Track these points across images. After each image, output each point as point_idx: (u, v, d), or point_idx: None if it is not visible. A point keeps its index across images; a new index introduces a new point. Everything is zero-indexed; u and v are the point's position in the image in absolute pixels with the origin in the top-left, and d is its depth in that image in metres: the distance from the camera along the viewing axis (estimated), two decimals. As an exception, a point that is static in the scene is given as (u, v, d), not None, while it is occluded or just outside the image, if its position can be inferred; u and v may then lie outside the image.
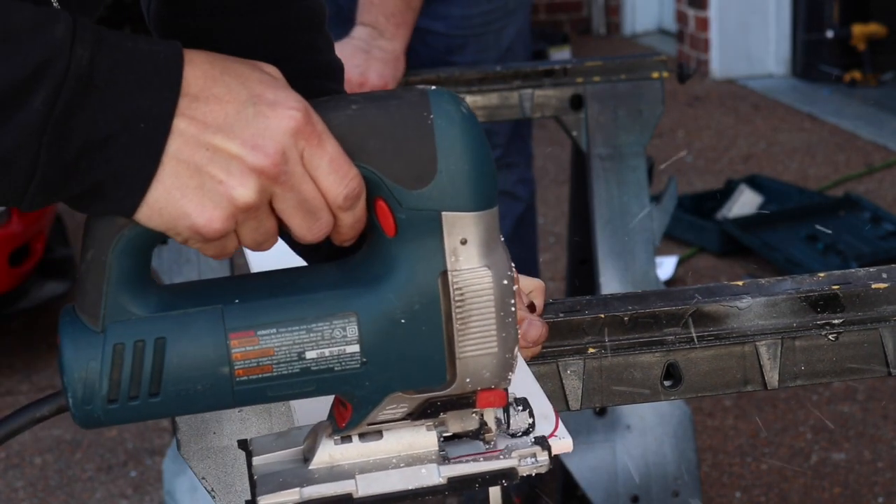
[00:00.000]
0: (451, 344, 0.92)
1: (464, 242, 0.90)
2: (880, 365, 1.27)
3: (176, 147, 0.87)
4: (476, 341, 0.92)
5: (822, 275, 1.29)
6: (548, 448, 0.98)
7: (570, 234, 2.71)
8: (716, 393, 1.25)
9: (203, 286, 0.93)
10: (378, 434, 0.96)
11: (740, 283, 1.28)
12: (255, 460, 0.98)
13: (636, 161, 2.39)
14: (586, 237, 2.44)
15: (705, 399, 3.41)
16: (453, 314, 0.91)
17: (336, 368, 0.91)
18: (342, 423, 0.95)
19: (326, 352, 0.90)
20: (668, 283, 4.24)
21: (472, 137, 0.90)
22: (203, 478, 1.18)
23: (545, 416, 1.05)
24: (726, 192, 4.87)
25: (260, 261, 1.35)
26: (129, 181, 0.87)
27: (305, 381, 0.91)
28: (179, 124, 0.87)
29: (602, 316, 1.22)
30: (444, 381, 0.93)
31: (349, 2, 2.56)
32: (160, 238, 0.90)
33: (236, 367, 0.89)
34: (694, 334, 1.24)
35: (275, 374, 0.90)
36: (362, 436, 0.96)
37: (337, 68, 1.24)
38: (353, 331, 0.90)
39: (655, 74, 2.39)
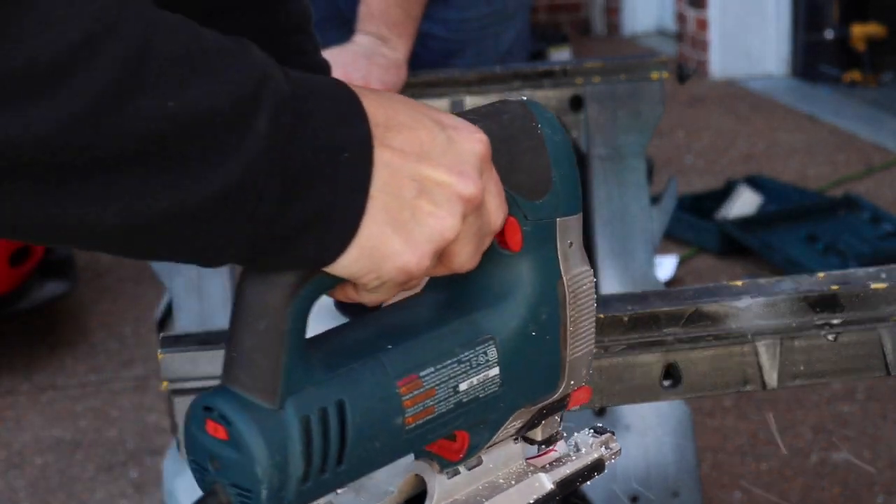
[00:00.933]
0: (563, 348, 0.92)
1: (570, 246, 0.91)
2: (879, 365, 1.27)
3: (383, 180, 0.80)
4: (582, 341, 0.93)
5: (821, 275, 1.29)
6: (612, 433, 1.00)
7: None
8: (715, 393, 1.26)
9: (344, 335, 0.88)
10: (477, 458, 0.94)
11: (739, 283, 1.28)
12: None
13: (636, 161, 2.39)
14: (586, 237, 2.44)
15: (705, 399, 3.41)
16: (567, 318, 0.91)
17: (481, 395, 0.89)
18: (458, 455, 0.92)
19: (474, 380, 0.88)
20: (668, 283, 4.25)
21: (569, 142, 0.91)
22: (203, 478, 1.18)
23: None
24: (726, 193, 4.87)
25: None
26: (339, 219, 0.79)
27: (457, 416, 0.88)
28: (382, 155, 0.80)
29: (601, 316, 1.22)
30: (556, 387, 0.93)
31: (348, 4, 2.57)
32: (324, 292, 0.83)
33: (407, 415, 0.85)
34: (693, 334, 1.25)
35: (436, 414, 0.86)
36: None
37: (325, 70, 1.24)
38: (493, 353, 0.89)
39: (655, 75, 2.39)
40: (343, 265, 0.81)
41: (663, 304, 1.24)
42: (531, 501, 0.95)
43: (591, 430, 1.00)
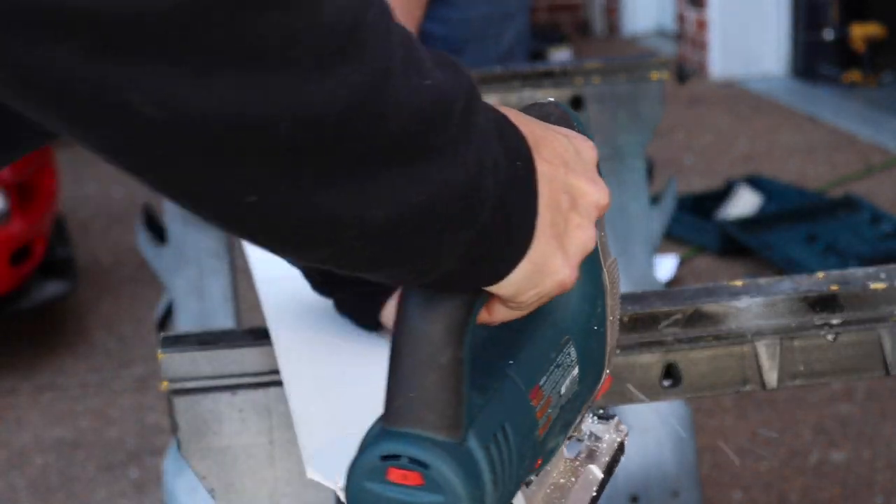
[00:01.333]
0: (607, 337, 0.93)
1: (603, 236, 0.91)
2: (879, 365, 1.27)
3: (545, 192, 0.77)
4: (615, 329, 0.94)
5: (820, 275, 1.29)
6: (616, 415, 0.99)
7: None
8: (715, 393, 1.26)
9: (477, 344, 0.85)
10: None
11: (739, 283, 1.28)
12: None
13: (636, 162, 2.39)
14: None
15: (705, 399, 3.41)
16: (608, 307, 0.92)
17: (571, 396, 0.88)
18: (537, 463, 0.89)
19: (567, 381, 0.88)
20: (668, 283, 4.25)
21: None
22: (203, 478, 1.19)
23: None
24: (726, 193, 4.87)
25: (262, 264, 1.35)
26: (517, 232, 0.76)
27: (559, 420, 0.87)
28: (541, 166, 0.77)
29: (602, 316, 1.22)
30: (602, 378, 0.93)
31: None
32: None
33: (539, 427, 0.84)
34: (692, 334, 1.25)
35: (553, 421, 0.86)
36: None
37: None
38: (574, 353, 0.89)
39: (655, 75, 2.39)
40: (512, 281, 0.77)
41: (663, 304, 1.24)
42: (594, 493, 0.94)
43: (596, 418, 0.99)
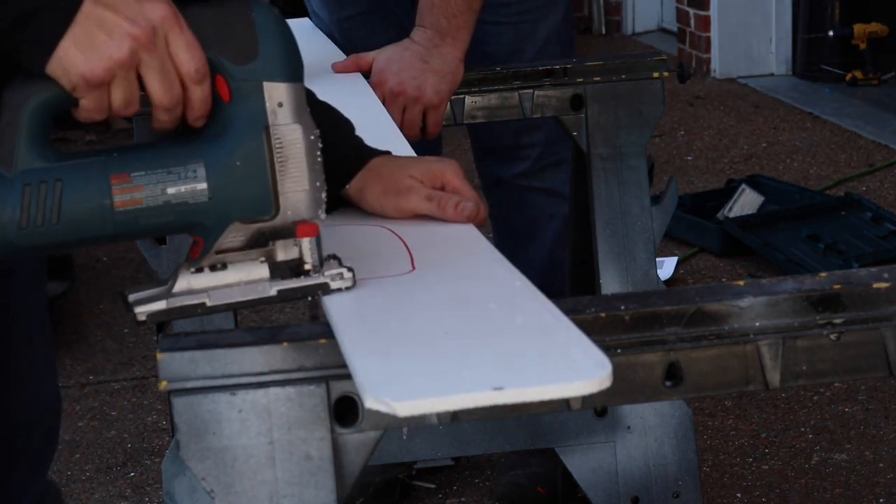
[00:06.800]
0: (274, 182, 1.21)
1: (280, 105, 1.20)
2: (882, 365, 1.27)
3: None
4: (293, 181, 1.22)
5: (823, 274, 1.29)
6: (352, 270, 1.25)
7: (570, 234, 2.70)
8: (718, 392, 1.25)
9: (92, 151, 1.21)
10: (224, 266, 1.23)
11: (741, 282, 1.27)
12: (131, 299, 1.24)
13: (636, 161, 2.38)
14: (586, 237, 2.44)
15: (706, 399, 3.40)
16: (275, 158, 1.21)
17: (190, 202, 1.20)
18: (195, 256, 1.22)
19: (182, 188, 1.20)
20: (668, 283, 4.24)
21: (284, 30, 1.21)
22: (203, 478, 1.18)
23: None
24: (727, 192, 4.86)
25: None
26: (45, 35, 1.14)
27: (167, 212, 1.20)
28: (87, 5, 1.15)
29: (603, 315, 1.22)
30: (271, 213, 1.22)
31: (400, 7, 2.56)
32: (59, 105, 1.18)
33: (115, 200, 1.19)
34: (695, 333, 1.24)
35: (144, 206, 1.19)
36: (212, 268, 1.23)
37: None
38: (201, 172, 1.20)
39: (655, 74, 2.39)
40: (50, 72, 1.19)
41: (665, 304, 1.24)
42: (249, 299, 1.23)
43: (338, 262, 1.25)
